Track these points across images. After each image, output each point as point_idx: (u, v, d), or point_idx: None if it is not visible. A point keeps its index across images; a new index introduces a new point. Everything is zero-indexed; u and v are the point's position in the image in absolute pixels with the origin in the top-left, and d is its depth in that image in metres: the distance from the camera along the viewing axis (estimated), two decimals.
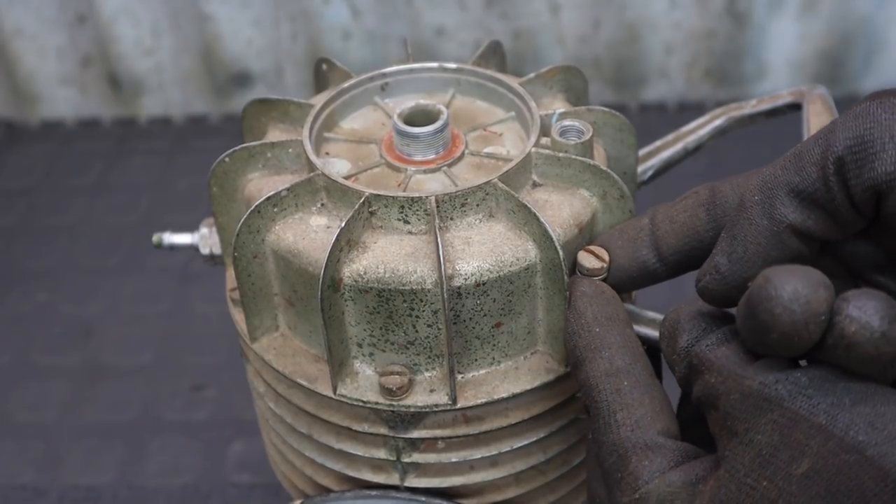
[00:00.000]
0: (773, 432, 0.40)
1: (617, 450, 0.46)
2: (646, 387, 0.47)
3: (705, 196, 0.51)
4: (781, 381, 0.41)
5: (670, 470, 0.44)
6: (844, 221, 0.45)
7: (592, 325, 0.50)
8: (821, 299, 0.38)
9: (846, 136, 0.43)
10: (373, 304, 0.54)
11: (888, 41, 1.74)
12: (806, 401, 0.40)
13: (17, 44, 1.80)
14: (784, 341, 0.39)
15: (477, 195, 0.55)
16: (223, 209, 0.63)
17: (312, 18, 1.74)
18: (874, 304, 0.38)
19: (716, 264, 0.47)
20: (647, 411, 0.46)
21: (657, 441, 0.45)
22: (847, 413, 0.39)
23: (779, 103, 0.70)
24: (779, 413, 0.40)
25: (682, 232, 0.51)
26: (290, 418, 0.62)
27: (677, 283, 0.56)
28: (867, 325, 0.38)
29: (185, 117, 1.86)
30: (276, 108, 0.65)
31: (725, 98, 1.76)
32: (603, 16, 1.72)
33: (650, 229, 0.53)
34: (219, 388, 1.32)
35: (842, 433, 0.38)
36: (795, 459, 0.39)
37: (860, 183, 0.42)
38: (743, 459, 0.41)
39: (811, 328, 0.38)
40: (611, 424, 0.46)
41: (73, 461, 1.24)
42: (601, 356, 0.49)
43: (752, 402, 0.41)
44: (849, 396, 0.39)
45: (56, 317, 1.45)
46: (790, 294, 0.38)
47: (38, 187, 1.72)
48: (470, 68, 0.67)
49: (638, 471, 0.44)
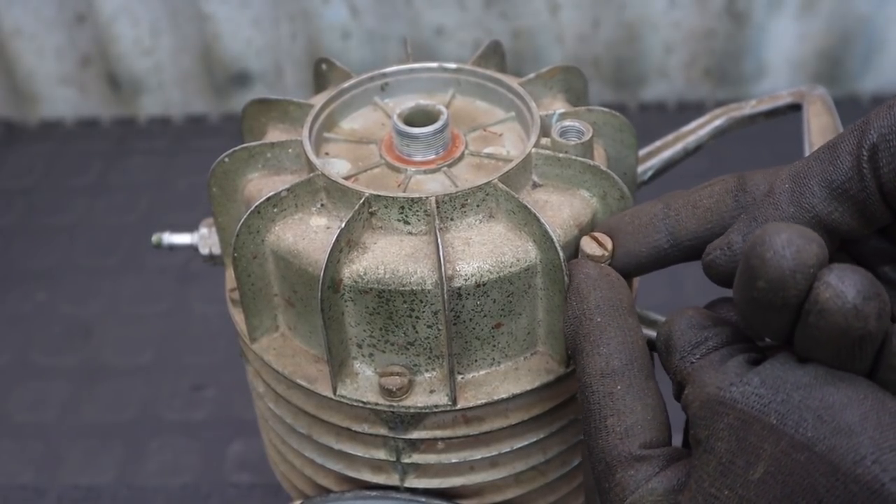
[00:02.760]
0: (730, 437, 0.41)
1: (605, 458, 0.46)
2: (639, 392, 0.47)
3: (733, 183, 0.51)
4: (735, 383, 0.41)
5: (654, 477, 0.44)
6: (871, 214, 0.45)
7: (594, 314, 0.49)
8: (812, 252, 0.38)
9: (880, 124, 0.44)
10: (373, 304, 0.54)
11: (888, 41, 1.74)
12: (757, 400, 0.40)
13: (17, 43, 1.80)
14: (770, 291, 0.39)
15: (477, 196, 0.55)
16: (223, 209, 0.63)
17: (312, 18, 1.74)
18: (855, 278, 0.38)
19: (729, 241, 0.47)
20: (637, 419, 0.46)
21: (644, 453, 0.45)
22: (796, 409, 0.39)
23: (779, 103, 0.71)
24: (734, 416, 0.41)
25: (706, 217, 0.51)
26: (289, 419, 0.62)
27: (677, 284, 0.56)
28: (841, 295, 0.38)
29: (185, 117, 1.86)
30: (275, 108, 0.65)
31: (725, 98, 1.76)
32: (602, 15, 1.72)
33: (665, 213, 0.52)
34: (218, 388, 1.32)
35: (792, 431, 0.39)
36: (752, 464, 0.40)
37: (892, 170, 0.43)
38: (707, 469, 0.41)
39: (798, 278, 0.38)
40: (601, 430, 0.46)
41: (73, 461, 1.24)
42: (598, 352, 0.48)
43: (710, 407, 0.42)
44: (798, 392, 0.39)
45: (56, 317, 1.45)
46: (783, 241, 0.38)
47: (37, 187, 1.72)
48: (470, 68, 0.66)
49: (624, 481, 0.45)
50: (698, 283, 1.19)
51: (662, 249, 0.52)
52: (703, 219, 0.51)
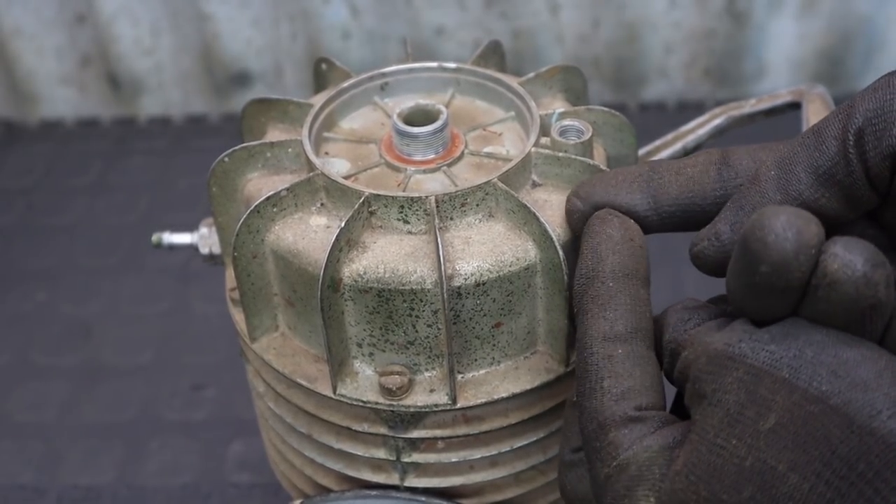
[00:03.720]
0: (738, 390, 0.40)
1: (597, 417, 0.45)
2: (639, 358, 0.46)
3: (717, 156, 0.51)
4: (745, 339, 0.41)
5: (648, 435, 0.44)
6: (858, 199, 0.45)
7: (608, 278, 0.48)
8: (812, 232, 0.38)
9: (866, 107, 0.43)
10: (373, 304, 0.54)
11: (888, 41, 1.74)
12: (768, 356, 0.40)
13: (17, 43, 1.80)
14: (774, 274, 0.39)
15: (477, 195, 0.55)
16: (223, 209, 0.63)
17: (312, 18, 1.74)
18: (861, 247, 0.38)
19: (717, 231, 0.47)
20: (635, 384, 0.45)
21: (639, 415, 0.45)
22: (809, 364, 0.39)
23: (778, 102, 0.71)
24: (743, 370, 0.41)
25: (688, 185, 0.50)
26: (289, 418, 0.62)
27: (677, 283, 0.56)
28: (850, 264, 0.38)
29: (185, 117, 1.86)
30: (275, 107, 0.65)
31: (725, 97, 1.76)
32: (602, 15, 1.72)
33: (649, 176, 0.51)
34: (218, 387, 1.32)
35: (805, 384, 0.39)
36: (762, 415, 0.39)
37: (879, 153, 0.43)
38: (712, 420, 0.41)
39: (801, 259, 0.38)
40: (596, 390, 0.46)
41: (73, 461, 1.24)
42: (604, 316, 0.47)
43: (717, 362, 0.42)
44: (810, 348, 0.40)
45: (56, 316, 1.45)
46: (783, 223, 0.38)
47: (37, 187, 1.72)
48: (469, 68, 0.66)
49: (617, 440, 0.44)
50: (699, 284, 1.19)
51: (642, 211, 0.51)
52: (685, 186, 0.50)
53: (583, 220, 0.52)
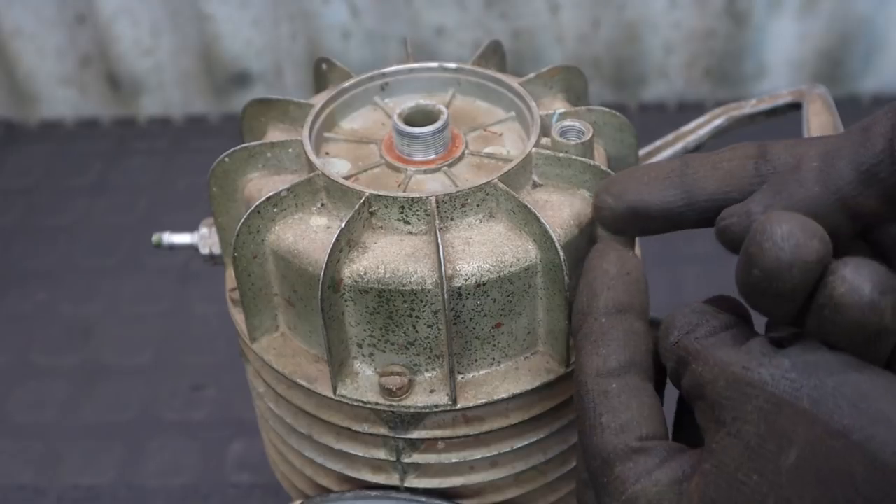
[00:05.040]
0: (759, 420, 0.40)
1: (601, 453, 0.45)
2: (634, 390, 0.46)
3: (754, 151, 0.49)
4: (765, 364, 0.40)
5: (656, 469, 0.43)
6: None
7: (600, 314, 0.48)
8: (812, 248, 0.38)
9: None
10: (373, 304, 0.54)
11: (888, 41, 1.74)
12: (789, 384, 0.39)
13: (17, 44, 1.80)
14: (765, 280, 0.39)
15: (477, 195, 0.55)
16: (223, 209, 0.63)
17: (312, 18, 1.74)
18: (870, 271, 0.38)
19: (748, 210, 0.46)
20: (633, 415, 0.45)
21: (642, 445, 0.44)
22: (830, 396, 0.38)
23: (779, 103, 0.71)
24: (763, 399, 0.40)
25: (725, 179, 0.49)
26: (289, 419, 0.62)
27: (676, 283, 0.56)
28: (858, 289, 0.37)
29: (185, 117, 1.86)
30: (275, 107, 0.65)
31: (725, 98, 1.76)
32: (602, 15, 1.72)
33: (682, 171, 0.50)
34: (218, 388, 1.32)
35: (826, 417, 0.38)
36: (783, 449, 0.39)
37: None
38: (732, 453, 0.40)
39: (795, 273, 0.38)
40: (595, 427, 0.45)
41: (73, 461, 1.24)
42: (597, 353, 0.47)
43: (736, 388, 0.41)
44: (831, 378, 0.39)
45: (55, 317, 1.45)
46: (784, 233, 0.38)
47: (37, 187, 1.72)
48: (470, 68, 0.66)
49: (624, 474, 0.44)
50: (699, 284, 1.19)
51: (676, 206, 0.50)
52: (723, 180, 0.49)
53: (616, 219, 0.52)
